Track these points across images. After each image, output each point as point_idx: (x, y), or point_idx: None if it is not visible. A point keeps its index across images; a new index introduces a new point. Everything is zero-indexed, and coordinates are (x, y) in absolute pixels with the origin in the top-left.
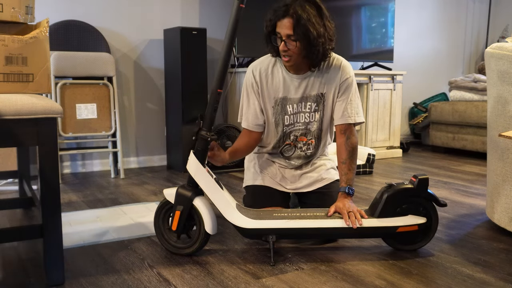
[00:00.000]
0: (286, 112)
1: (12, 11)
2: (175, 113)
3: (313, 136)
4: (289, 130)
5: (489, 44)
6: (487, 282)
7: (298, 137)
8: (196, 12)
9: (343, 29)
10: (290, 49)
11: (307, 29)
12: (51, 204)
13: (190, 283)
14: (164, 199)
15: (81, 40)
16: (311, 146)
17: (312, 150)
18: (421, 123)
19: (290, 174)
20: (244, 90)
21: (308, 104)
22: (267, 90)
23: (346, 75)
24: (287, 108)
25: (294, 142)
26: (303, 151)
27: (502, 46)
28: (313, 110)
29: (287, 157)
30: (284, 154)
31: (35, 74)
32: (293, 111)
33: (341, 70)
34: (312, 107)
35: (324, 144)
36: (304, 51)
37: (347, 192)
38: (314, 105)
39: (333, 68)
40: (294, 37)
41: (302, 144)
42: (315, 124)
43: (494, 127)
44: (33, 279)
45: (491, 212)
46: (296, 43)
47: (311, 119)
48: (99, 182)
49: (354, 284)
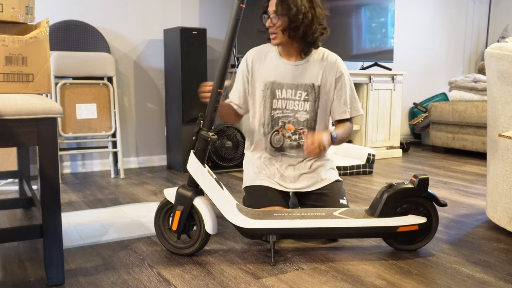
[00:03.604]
0: (275, 96)
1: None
2: (175, 113)
3: (304, 126)
4: (277, 115)
5: (489, 44)
6: (487, 282)
7: (286, 125)
8: (196, 12)
9: (343, 29)
10: (274, 24)
11: (288, 4)
12: (51, 204)
13: (190, 283)
14: (165, 199)
15: (81, 40)
16: (303, 136)
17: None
18: (421, 123)
19: (289, 174)
20: (238, 72)
21: (299, 92)
22: (258, 73)
23: (341, 71)
24: (276, 92)
25: (282, 129)
26: (293, 141)
27: (502, 46)
28: (302, 99)
29: (279, 148)
30: (275, 146)
31: (35, 74)
32: (282, 96)
33: (336, 66)
34: (302, 96)
35: None
36: (287, 28)
37: (332, 135)
38: (304, 94)
39: (328, 63)
40: (278, 12)
41: (290, 133)
42: (304, 114)
43: (494, 127)
44: (33, 279)
45: (491, 212)
46: (279, 20)
47: (300, 108)
48: (99, 182)
49: (354, 284)
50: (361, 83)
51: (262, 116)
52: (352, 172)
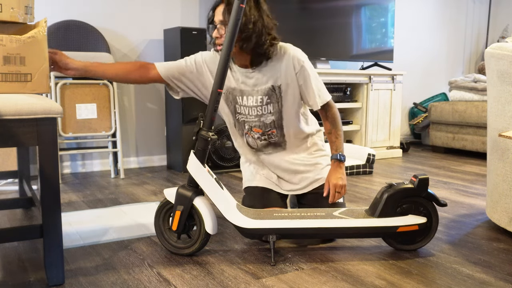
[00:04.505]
0: (237, 102)
1: (11, 11)
2: (175, 113)
3: (273, 126)
4: (242, 119)
5: (489, 44)
6: (487, 282)
7: (253, 128)
8: (196, 12)
9: (343, 29)
10: (221, 34)
11: None
12: (51, 204)
13: (190, 283)
14: (165, 199)
15: (81, 40)
16: (273, 135)
17: (276, 138)
18: (421, 123)
19: (285, 174)
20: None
21: (259, 98)
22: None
23: (298, 63)
24: (237, 99)
25: (250, 132)
26: (263, 140)
27: (502, 46)
28: (265, 103)
29: (256, 149)
30: (252, 146)
31: (33, 74)
32: (243, 103)
33: (292, 60)
34: (264, 101)
35: (299, 130)
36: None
37: (339, 159)
38: (266, 98)
39: (285, 58)
40: (225, 22)
41: (259, 135)
42: (269, 116)
43: (494, 127)
44: (33, 279)
45: (491, 212)
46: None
47: (264, 112)
48: (99, 182)
49: (354, 284)
50: (361, 83)
51: (230, 118)
52: (352, 172)
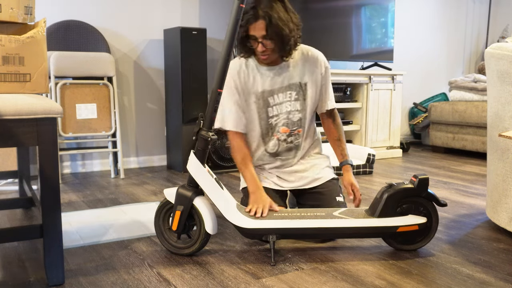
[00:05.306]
0: (269, 104)
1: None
2: (175, 113)
3: (298, 125)
4: (275, 122)
5: (489, 44)
6: (487, 282)
7: (281, 129)
8: (196, 12)
9: (343, 29)
10: (267, 48)
11: (279, 28)
12: (51, 204)
13: (190, 283)
14: (165, 199)
15: (81, 40)
16: (298, 136)
17: (299, 140)
18: (421, 123)
19: (284, 173)
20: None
21: (289, 93)
22: (246, 88)
23: (324, 65)
24: (268, 100)
25: (277, 133)
26: (288, 143)
27: (502, 46)
28: (293, 99)
29: (274, 153)
30: (270, 152)
31: (32, 74)
32: (275, 102)
33: (319, 62)
34: (292, 96)
35: (312, 133)
36: (279, 47)
37: (351, 164)
38: (294, 93)
39: (311, 59)
40: (268, 37)
41: (286, 136)
42: (296, 113)
43: (494, 127)
44: (33, 279)
45: (491, 212)
46: (271, 42)
47: (292, 108)
48: (99, 182)
49: (354, 284)
50: (361, 83)
51: (258, 129)
52: (352, 172)
